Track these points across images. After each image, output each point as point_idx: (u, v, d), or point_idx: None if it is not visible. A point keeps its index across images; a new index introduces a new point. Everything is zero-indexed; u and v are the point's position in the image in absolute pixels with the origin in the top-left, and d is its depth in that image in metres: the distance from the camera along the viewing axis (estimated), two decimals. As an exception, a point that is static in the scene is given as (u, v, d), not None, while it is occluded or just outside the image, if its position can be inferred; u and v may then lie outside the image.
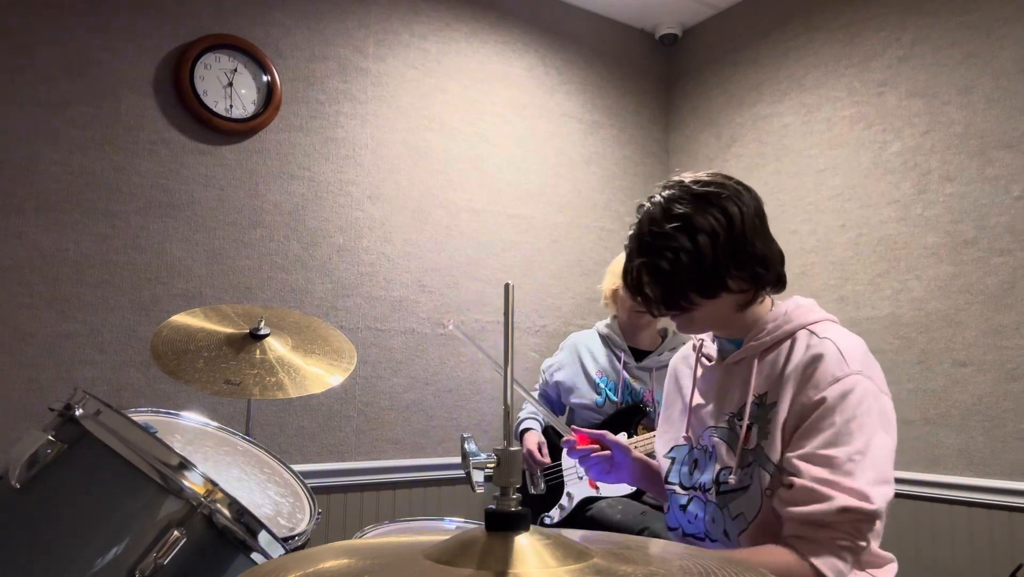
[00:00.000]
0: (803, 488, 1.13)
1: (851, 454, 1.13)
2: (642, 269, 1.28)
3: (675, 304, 1.28)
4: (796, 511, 1.14)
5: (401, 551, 0.67)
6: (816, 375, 1.18)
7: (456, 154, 3.11)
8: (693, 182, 1.27)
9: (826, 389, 1.17)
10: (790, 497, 1.15)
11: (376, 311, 2.87)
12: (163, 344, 1.85)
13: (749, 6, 3.40)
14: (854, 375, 1.18)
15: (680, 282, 1.24)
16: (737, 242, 1.23)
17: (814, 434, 1.16)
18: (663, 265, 1.24)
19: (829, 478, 1.12)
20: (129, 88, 2.48)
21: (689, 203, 1.25)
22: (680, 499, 1.37)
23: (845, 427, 1.14)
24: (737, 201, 1.25)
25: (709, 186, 1.26)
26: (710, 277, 1.23)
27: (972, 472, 2.47)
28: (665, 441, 1.46)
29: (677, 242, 1.23)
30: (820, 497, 1.12)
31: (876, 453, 1.15)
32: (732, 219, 1.23)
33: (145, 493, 1.00)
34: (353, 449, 2.78)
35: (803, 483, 1.13)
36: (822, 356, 1.20)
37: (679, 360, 1.53)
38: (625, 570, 0.61)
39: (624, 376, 2.52)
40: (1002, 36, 2.51)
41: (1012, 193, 2.46)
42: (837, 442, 1.14)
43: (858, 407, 1.16)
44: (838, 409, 1.15)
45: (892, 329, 2.71)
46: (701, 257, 1.22)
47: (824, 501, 1.12)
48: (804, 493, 1.13)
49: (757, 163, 3.28)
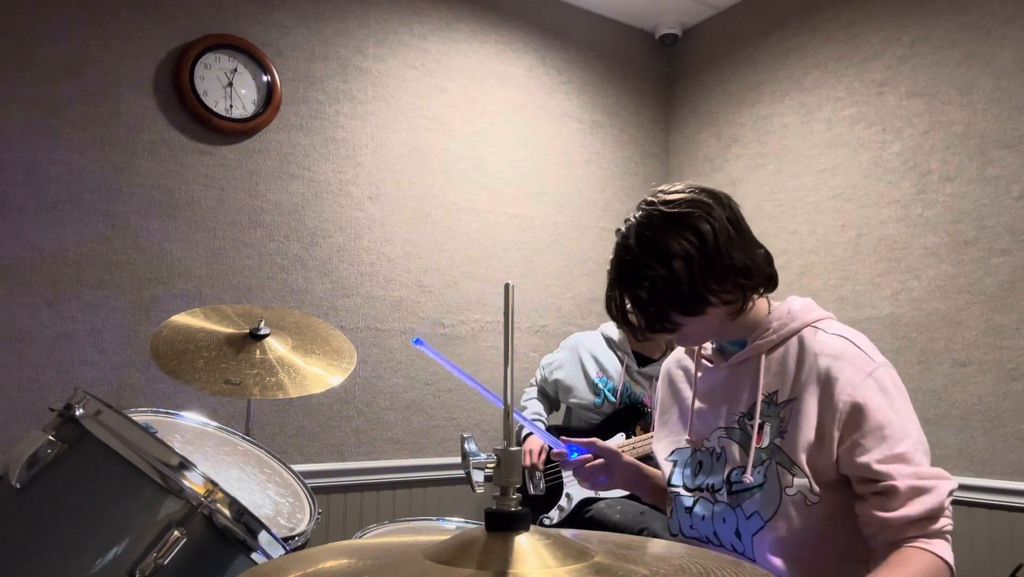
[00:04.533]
0: (908, 489, 1.15)
1: (914, 444, 1.18)
2: (622, 298, 1.28)
3: (659, 327, 1.28)
4: (909, 513, 1.14)
5: (401, 551, 0.67)
6: (845, 373, 1.20)
7: (456, 154, 3.11)
8: (664, 203, 1.25)
9: (863, 386, 1.19)
10: (894, 502, 1.15)
11: (376, 311, 2.87)
12: (163, 344, 1.85)
13: (749, 6, 3.40)
14: (881, 367, 1.22)
15: (660, 307, 1.24)
16: (713, 259, 1.22)
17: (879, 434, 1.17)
18: (641, 294, 1.24)
19: (917, 471, 1.16)
20: (129, 88, 2.48)
21: (660, 227, 1.23)
22: (685, 501, 1.36)
23: (899, 420, 1.18)
24: (708, 218, 1.23)
25: (680, 206, 1.24)
26: (689, 297, 1.23)
27: (972, 472, 2.47)
28: (665, 445, 1.46)
29: (652, 270, 1.22)
30: (924, 491, 1.15)
31: (919, 434, 1.21)
32: (704, 238, 1.22)
33: (145, 493, 1.00)
34: (353, 449, 2.78)
35: (907, 484, 1.15)
36: (843, 354, 1.21)
37: (672, 364, 1.53)
38: (625, 570, 0.61)
39: (625, 379, 2.52)
40: (1002, 36, 2.51)
41: (1012, 193, 2.46)
42: (901, 437, 1.17)
43: (896, 395, 1.21)
44: (887, 405, 1.19)
45: (892, 329, 2.71)
46: (677, 281, 1.21)
47: (929, 493, 1.15)
48: (909, 494, 1.15)
49: (757, 163, 3.28)
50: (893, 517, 1.15)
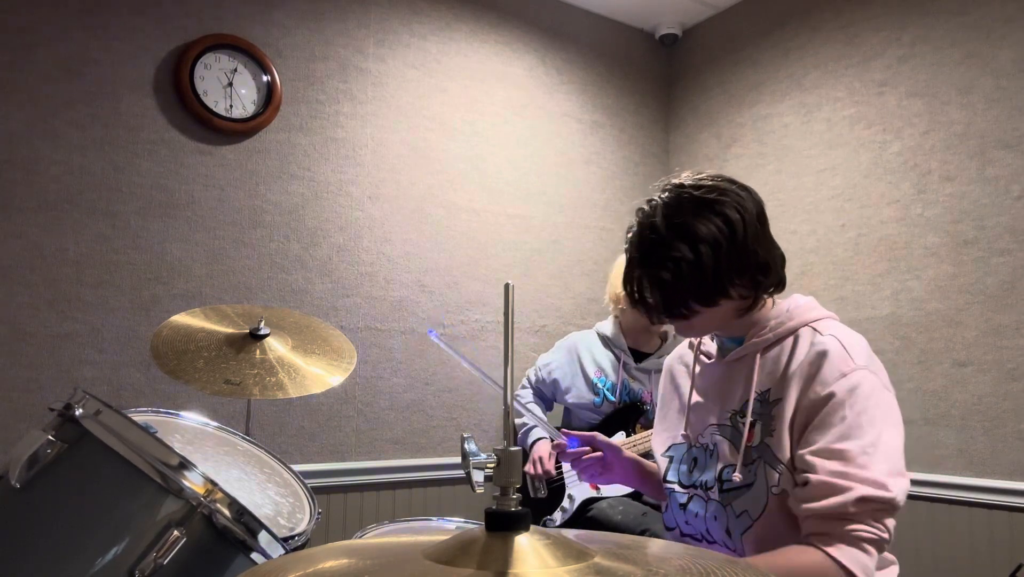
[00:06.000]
0: (819, 483, 1.12)
1: (864, 447, 1.13)
2: (643, 278, 1.25)
3: (675, 312, 1.26)
4: (814, 507, 1.12)
5: (401, 551, 0.67)
6: (822, 371, 1.18)
7: (456, 154, 3.11)
8: (693, 186, 1.23)
9: (833, 384, 1.16)
10: (806, 494, 1.14)
11: (376, 311, 2.87)
12: (163, 344, 1.85)
13: (749, 6, 3.40)
14: (860, 370, 1.18)
15: (681, 291, 1.22)
16: (739, 250, 1.21)
17: (825, 429, 1.15)
18: (664, 275, 1.22)
19: (844, 471, 1.12)
20: (129, 88, 2.48)
21: (690, 210, 1.21)
22: (679, 497, 1.36)
23: (856, 420, 1.14)
24: (739, 207, 1.22)
25: (711, 192, 1.22)
26: (711, 286, 1.21)
27: (972, 472, 2.47)
28: (662, 440, 1.46)
29: (679, 252, 1.20)
30: (837, 490, 1.11)
31: (888, 445, 1.15)
32: (734, 226, 1.20)
33: (145, 493, 1.00)
34: (353, 449, 2.78)
35: (819, 478, 1.12)
36: (827, 352, 1.19)
37: (674, 359, 1.53)
38: (625, 570, 0.61)
39: (623, 376, 2.52)
40: (1002, 36, 2.51)
41: (1012, 193, 2.46)
42: (849, 436, 1.13)
43: (867, 401, 1.16)
44: (847, 404, 1.15)
45: (892, 329, 2.71)
46: (702, 266, 1.20)
47: (841, 493, 1.11)
48: (820, 488, 1.12)
49: (757, 163, 3.28)
50: (803, 509, 1.14)
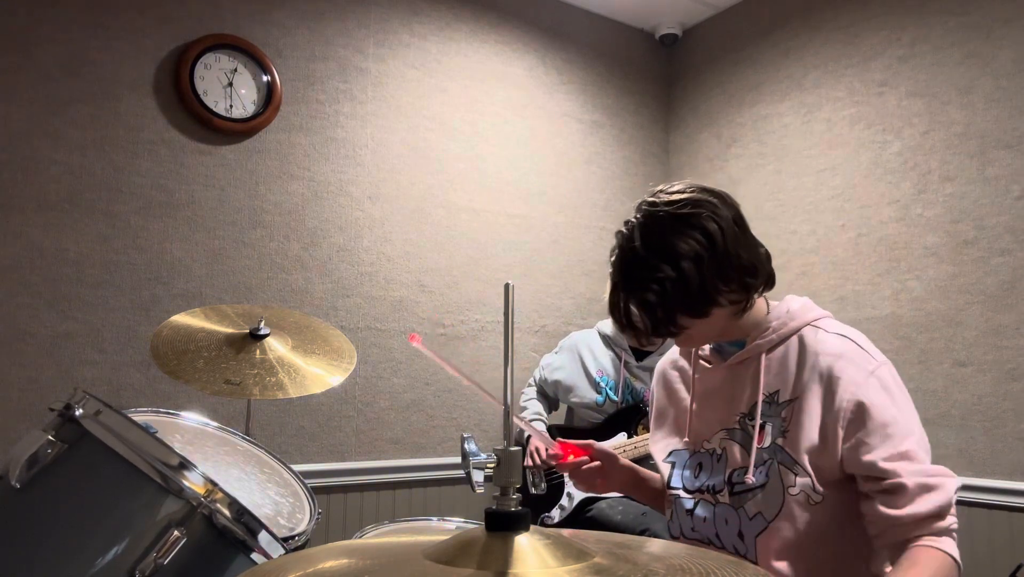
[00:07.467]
0: (916, 486, 1.14)
1: (917, 442, 1.18)
2: (629, 301, 1.25)
3: (666, 331, 1.26)
4: (918, 510, 1.13)
5: (401, 551, 0.67)
6: (849, 373, 1.19)
7: (456, 154, 3.11)
8: (667, 203, 1.23)
9: (867, 386, 1.18)
10: (902, 500, 1.15)
11: (376, 311, 2.87)
12: (163, 344, 1.85)
13: (749, 6, 3.40)
14: (882, 365, 1.22)
15: (669, 309, 1.22)
16: (721, 259, 1.21)
17: (884, 432, 1.17)
18: (649, 297, 1.21)
19: (924, 469, 1.16)
20: (129, 88, 2.48)
21: (667, 228, 1.21)
22: (686, 503, 1.35)
23: (902, 417, 1.18)
24: (715, 216, 1.21)
25: (685, 206, 1.22)
26: (699, 299, 1.21)
27: (972, 472, 2.47)
28: (662, 447, 1.45)
29: (662, 272, 1.19)
30: (932, 488, 1.14)
31: (921, 432, 1.21)
32: (713, 237, 1.20)
33: (145, 493, 1.00)
34: (353, 449, 2.78)
35: (914, 481, 1.14)
36: (845, 353, 1.21)
37: (667, 364, 1.51)
38: (625, 570, 0.61)
39: (625, 375, 2.52)
40: (1002, 36, 2.51)
41: (1012, 193, 2.46)
42: (905, 434, 1.17)
43: (899, 394, 1.21)
44: (889, 403, 1.18)
45: (892, 329, 2.71)
46: (687, 282, 1.19)
47: (937, 490, 1.14)
48: (917, 491, 1.14)
49: (757, 163, 3.28)
50: (902, 515, 1.14)
